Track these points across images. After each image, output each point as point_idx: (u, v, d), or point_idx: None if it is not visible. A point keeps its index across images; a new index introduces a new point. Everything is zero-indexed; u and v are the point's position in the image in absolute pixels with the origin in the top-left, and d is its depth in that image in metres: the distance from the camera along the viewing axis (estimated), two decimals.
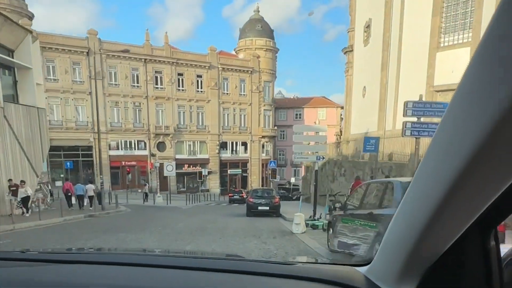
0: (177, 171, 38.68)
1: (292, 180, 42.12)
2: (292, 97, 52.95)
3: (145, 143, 36.40)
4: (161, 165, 37.79)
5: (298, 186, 52.04)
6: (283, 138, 50.78)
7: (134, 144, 35.88)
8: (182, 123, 37.94)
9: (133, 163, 35.79)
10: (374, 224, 5.25)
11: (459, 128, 0.51)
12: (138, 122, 35.80)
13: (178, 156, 37.93)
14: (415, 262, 0.76)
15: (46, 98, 22.89)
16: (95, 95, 19.38)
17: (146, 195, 26.19)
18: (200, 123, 39.03)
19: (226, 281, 1.02)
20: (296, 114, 50.40)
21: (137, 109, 35.70)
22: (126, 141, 35.48)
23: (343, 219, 6.45)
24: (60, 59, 31.46)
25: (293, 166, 51.34)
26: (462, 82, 0.50)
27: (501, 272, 0.74)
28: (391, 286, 0.86)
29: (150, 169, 36.34)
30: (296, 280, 1.01)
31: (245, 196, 25.28)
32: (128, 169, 35.02)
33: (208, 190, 39.12)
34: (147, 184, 33.69)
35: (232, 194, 29.62)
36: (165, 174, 26.93)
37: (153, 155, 36.31)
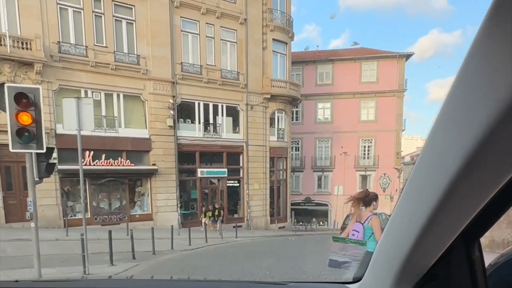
0: (61, 166, 15.08)
1: (339, 192, 19.49)
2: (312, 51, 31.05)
3: None
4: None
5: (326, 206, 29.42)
6: (297, 119, 28.50)
7: None
8: (73, 41, 14.63)
9: None
10: None
11: (444, 145, 0.53)
12: None
13: (63, 130, 14.19)
14: (406, 276, 0.78)
15: None
16: None
17: None
18: (125, 49, 15.85)
19: None
20: (321, 74, 28.39)
21: None
22: None
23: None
24: None
25: (316, 170, 28.78)
26: (453, 85, 0.49)
27: (486, 281, 0.76)
28: None
29: None
30: None
31: None
32: None
33: (150, 216, 15.58)
34: None
35: None
36: None
37: None
